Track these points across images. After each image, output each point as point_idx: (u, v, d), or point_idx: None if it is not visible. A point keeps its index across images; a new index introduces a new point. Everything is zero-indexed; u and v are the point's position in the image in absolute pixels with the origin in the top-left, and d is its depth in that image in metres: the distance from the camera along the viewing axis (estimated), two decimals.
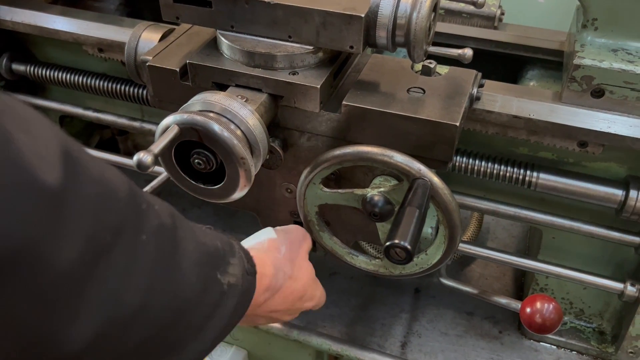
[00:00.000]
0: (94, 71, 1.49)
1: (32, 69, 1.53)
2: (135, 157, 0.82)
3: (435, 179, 0.94)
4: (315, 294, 1.08)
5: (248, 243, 1.02)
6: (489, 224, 1.72)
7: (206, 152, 0.92)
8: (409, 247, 0.81)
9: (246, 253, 0.86)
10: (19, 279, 0.49)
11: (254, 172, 0.93)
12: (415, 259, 1.05)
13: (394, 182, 1.02)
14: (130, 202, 0.61)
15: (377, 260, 1.10)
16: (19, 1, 1.45)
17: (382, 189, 0.99)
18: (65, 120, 1.71)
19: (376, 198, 0.98)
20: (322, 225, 1.14)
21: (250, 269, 0.84)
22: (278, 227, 1.08)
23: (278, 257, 0.98)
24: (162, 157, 0.96)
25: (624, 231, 1.21)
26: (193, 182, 0.97)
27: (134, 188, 0.63)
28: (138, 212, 0.62)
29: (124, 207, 0.60)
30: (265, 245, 1.01)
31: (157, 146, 0.84)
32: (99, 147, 1.80)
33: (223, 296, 0.76)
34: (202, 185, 0.97)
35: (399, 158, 0.94)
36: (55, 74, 1.51)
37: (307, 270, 1.05)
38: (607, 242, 1.23)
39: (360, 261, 1.13)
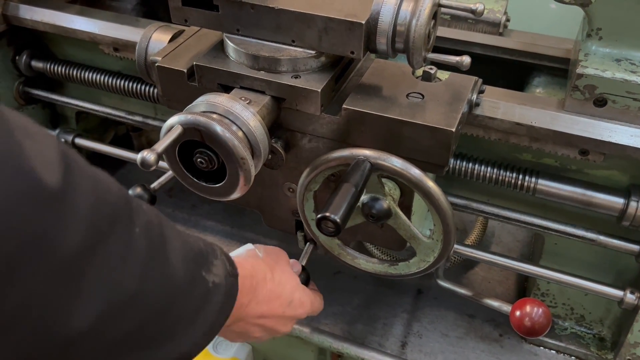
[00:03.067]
0: (110, 69, 1.54)
1: (50, 66, 1.58)
2: (139, 155, 0.85)
3: (368, 152, 0.96)
4: (304, 300, 1.10)
5: None
6: (495, 228, 1.73)
7: (208, 152, 0.95)
8: (338, 220, 0.85)
9: (227, 256, 0.89)
10: (31, 267, 0.55)
11: (254, 172, 0.96)
12: (426, 239, 1.07)
13: (390, 184, 1.04)
14: (122, 198, 0.67)
15: (414, 258, 1.11)
16: (39, 0, 1.50)
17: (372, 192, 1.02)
18: (81, 117, 1.76)
19: (372, 201, 1.00)
20: (353, 254, 1.17)
21: (232, 271, 0.87)
22: (256, 245, 1.12)
23: (257, 261, 1.02)
24: (166, 156, 1.00)
25: (624, 239, 1.22)
26: (195, 180, 1.01)
27: (123, 188, 0.69)
28: (130, 208, 0.68)
29: (117, 201, 0.65)
30: (244, 253, 1.06)
31: (161, 145, 0.88)
32: (113, 143, 1.85)
33: (209, 293, 0.80)
34: (203, 184, 1.01)
35: (334, 155, 0.99)
36: (73, 71, 1.56)
37: (290, 276, 1.08)
38: (608, 249, 1.24)
39: (402, 267, 1.15)
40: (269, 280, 1.01)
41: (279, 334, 1.10)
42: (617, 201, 1.16)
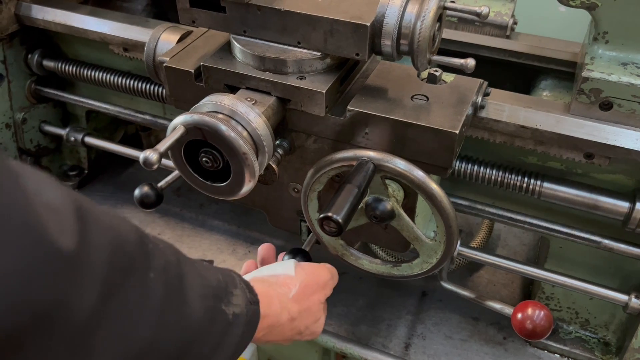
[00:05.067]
0: (120, 69, 1.55)
1: (61, 65, 1.60)
2: (142, 155, 0.86)
3: (372, 154, 0.97)
4: (316, 331, 1.08)
5: (263, 272, 1.04)
6: (501, 231, 1.73)
7: (213, 152, 0.96)
8: (340, 220, 0.86)
9: (247, 284, 0.88)
10: (45, 338, 0.55)
11: (258, 172, 0.97)
12: (429, 241, 1.07)
13: (394, 185, 1.04)
14: (138, 244, 0.66)
15: (417, 259, 1.12)
16: (50, 1, 1.52)
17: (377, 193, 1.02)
18: (91, 115, 1.78)
19: (375, 202, 1.01)
20: (357, 254, 1.17)
21: (252, 299, 0.86)
22: (304, 264, 1.08)
23: (286, 296, 0.98)
24: (172, 155, 1.01)
25: (630, 243, 1.21)
26: (201, 179, 1.02)
27: (140, 231, 0.68)
28: (146, 253, 0.67)
29: (133, 250, 0.65)
30: (280, 280, 1.01)
31: (163, 145, 0.89)
32: (123, 142, 1.87)
33: (229, 326, 0.79)
34: (209, 183, 1.02)
35: (338, 156, 1.00)
36: (83, 71, 1.58)
37: (314, 314, 1.04)
38: (614, 253, 1.23)
39: (404, 269, 1.15)
40: (290, 318, 0.98)
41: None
42: (622, 205, 1.16)
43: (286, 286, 1.00)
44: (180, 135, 0.91)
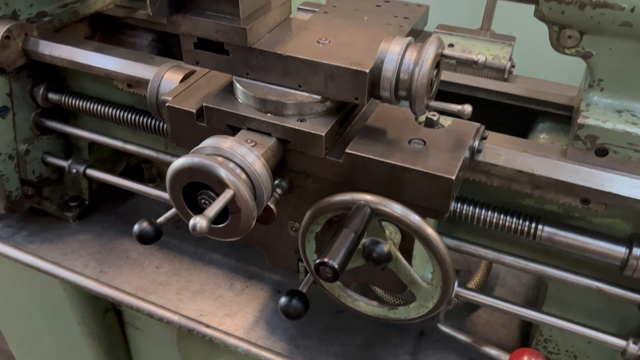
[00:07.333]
0: (123, 104, 1.57)
1: (66, 99, 1.63)
2: (191, 222, 0.87)
3: (369, 197, 0.97)
4: None
5: None
6: (499, 270, 1.73)
7: (212, 193, 0.97)
8: (336, 266, 0.86)
9: None
10: None
11: (255, 214, 0.97)
12: (426, 285, 1.07)
13: (391, 227, 1.05)
14: None
15: (414, 303, 1.12)
16: (57, 36, 1.55)
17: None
18: (94, 147, 1.79)
19: (372, 245, 1.02)
20: (354, 296, 1.18)
21: None
22: None
23: None
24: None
25: (627, 288, 1.21)
26: None
27: None
28: None
29: None
30: None
31: (212, 210, 0.89)
32: (124, 173, 1.88)
33: None
34: None
35: (335, 199, 1.01)
36: (87, 104, 1.60)
37: None
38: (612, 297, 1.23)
39: (401, 312, 1.16)
40: None
41: None
42: (619, 250, 1.16)
43: None
44: (229, 200, 0.91)
